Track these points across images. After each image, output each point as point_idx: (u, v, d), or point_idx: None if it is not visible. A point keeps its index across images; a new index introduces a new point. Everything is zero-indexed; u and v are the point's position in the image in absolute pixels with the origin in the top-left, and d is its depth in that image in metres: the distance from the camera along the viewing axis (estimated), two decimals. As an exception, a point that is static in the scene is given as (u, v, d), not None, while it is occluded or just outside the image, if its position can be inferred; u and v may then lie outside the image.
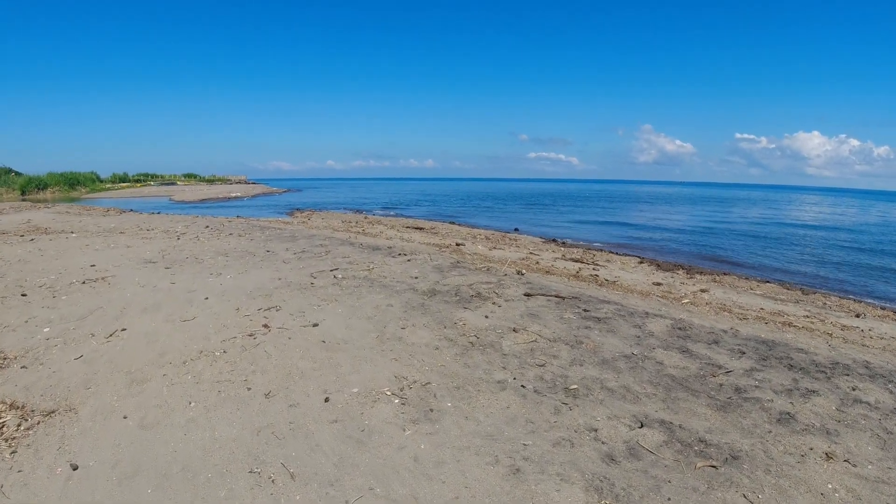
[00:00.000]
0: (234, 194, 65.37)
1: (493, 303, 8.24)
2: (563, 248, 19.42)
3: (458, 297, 8.48)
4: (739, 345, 7.00)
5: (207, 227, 18.27)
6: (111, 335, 6.84)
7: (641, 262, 15.44)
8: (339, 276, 9.68)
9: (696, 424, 4.80)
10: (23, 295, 9.29)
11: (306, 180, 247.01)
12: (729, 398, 5.39)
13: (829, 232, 30.33)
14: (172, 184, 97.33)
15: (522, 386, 5.39)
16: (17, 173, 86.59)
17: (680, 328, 7.59)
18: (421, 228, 26.04)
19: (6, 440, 4.32)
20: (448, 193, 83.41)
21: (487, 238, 21.92)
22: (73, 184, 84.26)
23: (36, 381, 5.45)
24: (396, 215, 36.38)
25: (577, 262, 14.55)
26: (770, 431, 4.64)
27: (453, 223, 31.80)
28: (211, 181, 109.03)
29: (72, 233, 18.66)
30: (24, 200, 60.32)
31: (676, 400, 5.31)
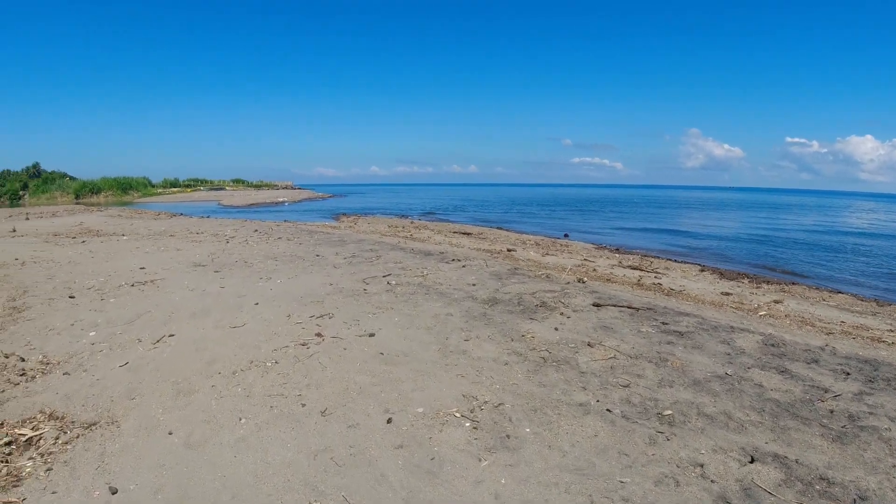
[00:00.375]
0: (280, 199, 66.33)
1: (561, 313, 7.62)
2: (617, 255, 18.58)
3: (521, 307, 7.88)
4: (841, 364, 6.20)
5: (256, 230, 18.18)
6: (158, 341, 6.53)
7: (703, 271, 14.51)
8: (393, 282, 9.22)
9: (814, 458, 4.09)
10: (70, 297, 9.15)
11: (350, 186, 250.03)
12: (844, 427, 4.65)
13: (891, 241, 28.33)
14: (221, 189, 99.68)
15: (608, 410, 4.76)
16: (72, 178, 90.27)
17: (772, 345, 6.82)
18: (468, 234, 25.52)
19: (42, 455, 3.96)
20: (492, 199, 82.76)
21: (537, 244, 21.20)
22: (125, 188, 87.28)
23: (78, 390, 5.13)
24: (441, 220, 35.96)
25: (635, 269, 13.75)
26: (895, 466, 3.92)
27: (500, 228, 31.17)
28: (258, 186, 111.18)
29: (122, 235, 18.87)
30: (77, 203, 62.74)
31: (786, 429, 4.60)
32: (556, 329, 6.89)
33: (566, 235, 28.11)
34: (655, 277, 12.05)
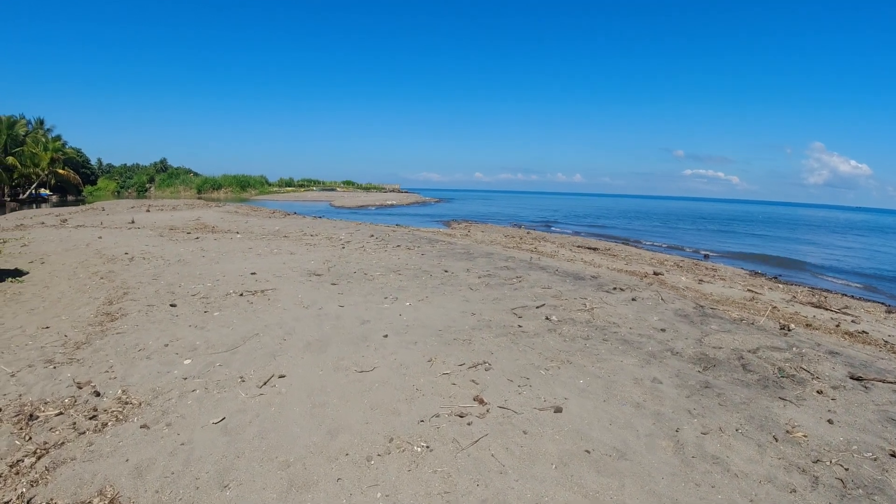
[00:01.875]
0: (389, 202, 66.66)
1: (818, 391, 5.33)
2: (781, 286, 15.61)
3: (754, 375, 5.67)
4: None
5: (372, 236, 16.96)
6: (265, 383, 5.02)
7: (890, 313, 11.41)
8: (554, 318, 7.28)
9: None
10: (172, 305, 8.04)
11: (455, 191, 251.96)
12: None
13: None
14: (332, 190, 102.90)
15: None
16: (196, 174, 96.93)
17: None
18: (595, 249, 23.27)
19: None
20: (603, 210, 78.96)
21: (679, 266, 18.50)
22: (243, 186, 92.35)
23: (154, 458, 3.70)
24: (556, 232, 33.58)
25: (818, 307, 11.04)
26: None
27: (627, 244, 28.64)
28: (367, 189, 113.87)
29: (237, 233, 18.35)
30: (199, 198, 66.48)
31: None
32: (829, 422, 4.64)
33: (706, 257, 25.16)
34: (853, 322, 9.39)
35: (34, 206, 50.85)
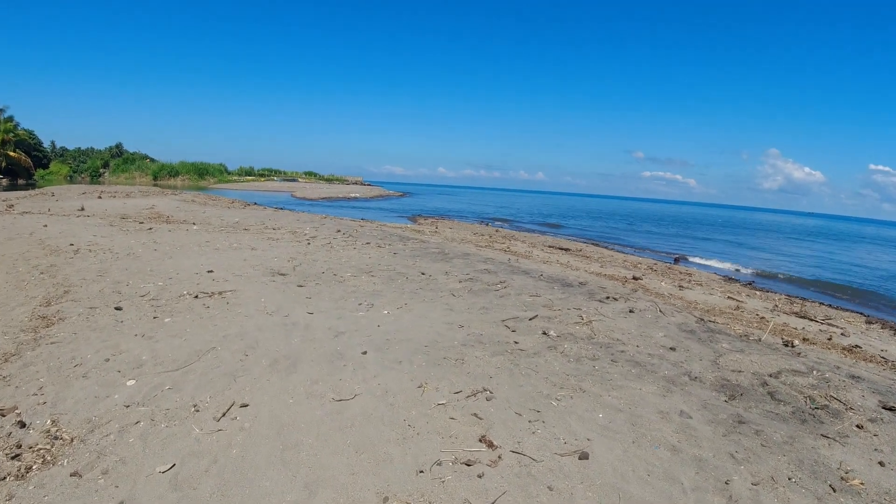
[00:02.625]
0: (353, 195, 65.32)
1: (858, 425, 4.77)
2: (757, 293, 15.43)
3: (786, 406, 5.09)
4: None
5: (339, 231, 16.00)
6: (223, 414, 4.18)
7: (873, 324, 11.24)
8: (552, 333, 6.58)
9: None
10: (117, 308, 7.05)
11: (418, 185, 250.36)
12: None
13: None
14: (294, 180, 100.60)
15: None
16: (152, 160, 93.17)
17: None
18: (567, 249, 22.85)
19: None
20: (566, 209, 79.33)
21: (653, 269, 18.18)
22: (202, 173, 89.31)
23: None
24: (525, 230, 33.10)
25: (801, 318, 10.80)
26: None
27: (597, 245, 28.40)
28: (329, 180, 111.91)
29: (193, 224, 17.18)
30: (155, 185, 63.77)
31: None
32: (881, 465, 4.07)
33: (676, 260, 25.03)
34: (843, 335, 9.07)
35: (-22, 188, 47.77)
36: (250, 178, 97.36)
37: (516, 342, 6.21)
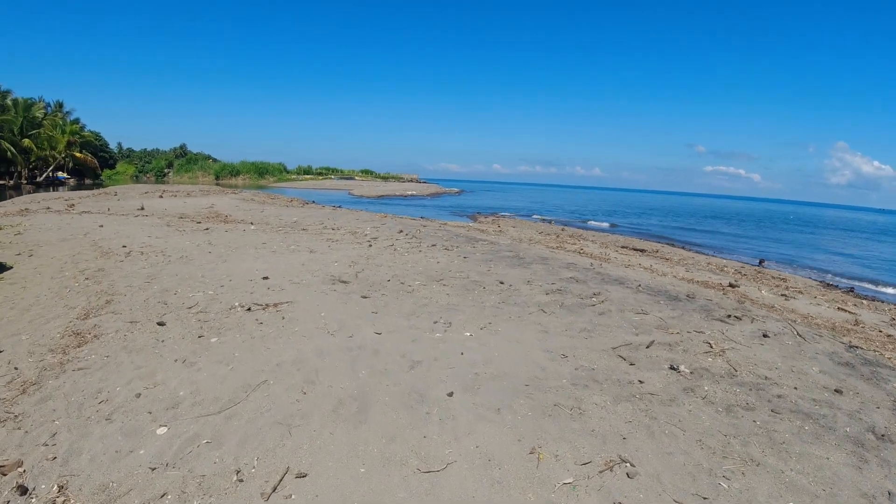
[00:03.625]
0: (409, 192, 64.63)
1: None
2: (864, 302, 13.42)
3: None
4: None
5: (401, 231, 14.90)
6: (274, 489, 3.05)
7: None
8: (683, 368, 5.18)
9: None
10: (160, 324, 6.08)
11: (474, 182, 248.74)
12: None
13: None
14: (351, 178, 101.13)
15: None
16: (214, 160, 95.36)
17: None
18: (642, 251, 21.16)
19: None
20: (626, 205, 76.33)
21: (742, 274, 16.32)
22: (262, 172, 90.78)
23: None
24: (593, 229, 31.30)
25: None
26: None
27: (672, 245, 26.45)
28: (385, 178, 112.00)
29: (251, 224, 16.44)
30: (217, 184, 64.85)
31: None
32: None
33: (761, 262, 22.86)
34: None
35: (51, 188, 49.51)
36: (308, 176, 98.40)
37: (640, 381, 4.86)
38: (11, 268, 10.10)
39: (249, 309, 6.93)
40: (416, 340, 5.74)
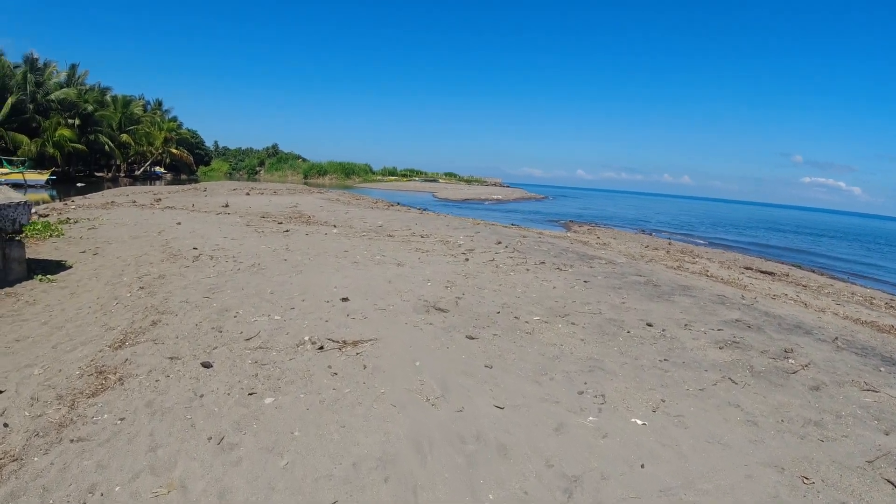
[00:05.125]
0: (494, 196, 62.74)
1: None
2: None
3: None
4: None
5: (499, 242, 12.95)
6: None
7: None
8: None
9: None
10: (205, 365, 4.52)
11: (557, 188, 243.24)
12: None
13: None
14: (434, 181, 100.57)
15: None
16: (304, 159, 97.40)
17: None
18: (770, 273, 18.28)
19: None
20: (723, 216, 71.03)
21: (899, 308, 13.26)
22: (348, 173, 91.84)
23: None
24: (702, 245, 28.12)
25: None
26: None
27: (800, 267, 23.10)
28: (469, 181, 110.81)
29: (333, 227, 15.03)
30: (305, 183, 65.57)
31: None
32: None
33: (913, 294, 19.19)
34: None
35: (148, 182, 51.33)
36: (393, 177, 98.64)
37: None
38: (70, 268, 9.04)
39: (322, 347, 5.22)
40: (562, 430, 3.77)
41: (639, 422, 3.93)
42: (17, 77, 47.51)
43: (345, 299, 7.02)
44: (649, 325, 6.41)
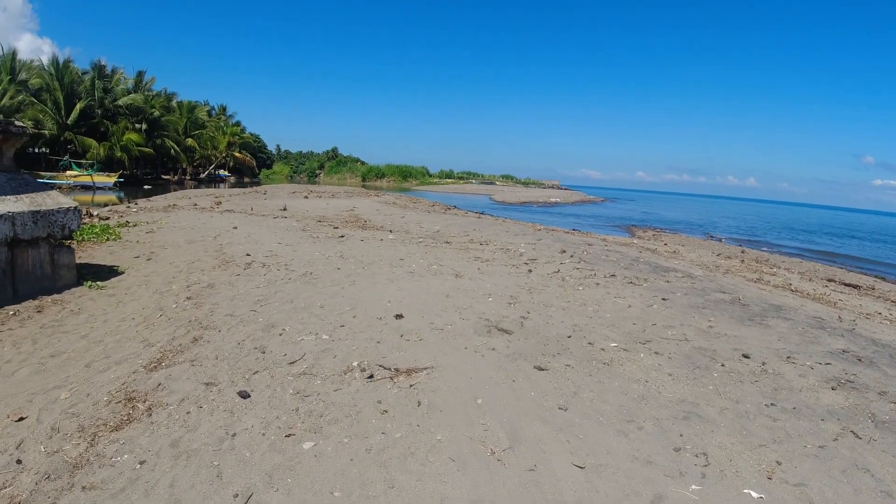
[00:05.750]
0: (553, 199, 61.44)
1: None
2: None
3: None
4: None
5: (564, 251, 12.12)
6: None
7: None
8: None
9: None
10: (242, 395, 4.04)
11: (616, 190, 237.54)
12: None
13: None
14: (491, 183, 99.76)
15: None
16: (363, 162, 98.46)
17: None
18: (855, 286, 16.84)
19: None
20: (794, 220, 67.10)
21: None
22: (405, 175, 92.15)
23: None
24: (776, 251, 26.24)
25: None
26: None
27: (884, 279, 21.24)
28: (526, 184, 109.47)
29: (389, 232, 14.56)
30: (363, 186, 66.05)
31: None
32: None
33: None
34: None
35: (213, 185, 52.72)
36: (450, 180, 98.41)
37: None
38: (122, 274, 8.83)
39: (372, 376, 4.62)
40: (659, 503, 3.01)
41: (754, 494, 3.13)
42: (86, 83, 49.67)
43: (399, 316, 6.42)
44: (746, 356, 5.52)
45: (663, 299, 7.82)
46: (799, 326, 6.91)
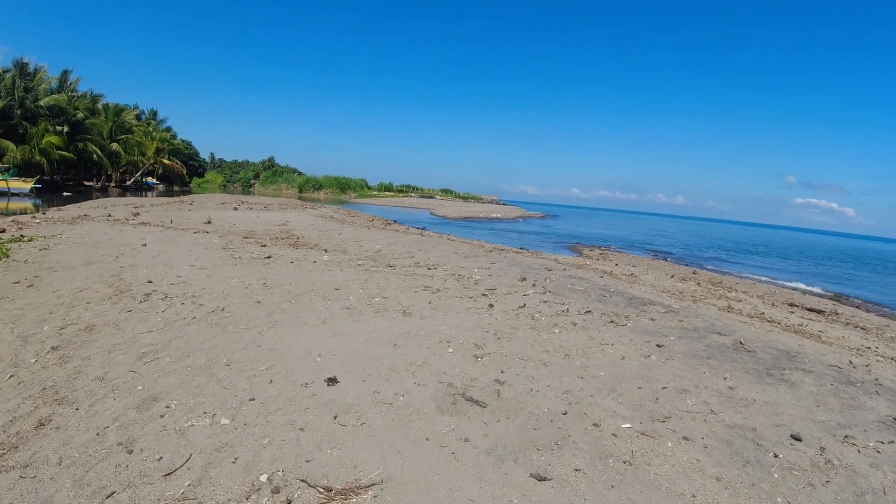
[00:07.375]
0: (494, 215, 60.66)
1: None
2: None
3: None
4: None
5: (524, 279, 10.62)
6: None
7: None
8: None
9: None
10: None
11: (553, 206, 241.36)
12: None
13: None
14: (431, 197, 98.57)
15: None
16: (300, 173, 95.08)
17: None
18: (820, 312, 16.37)
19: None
20: (725, 238, 69.33)
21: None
22: (343, 187, 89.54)
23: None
24: (728, 273, 25.94)
25: None
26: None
27: (840, 301, 21.37)
28: (465, 198, 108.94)
29: (324, 252, 12.79)
30: (300, 197, 63.34)
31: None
32: None
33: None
34: None
35: (141, 193, 49.05)
36: (389, 193, 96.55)
37: None
38: (-19, 310, 6.79)
39: (290, 503, 2.90)
40: None
41: None
42: (7, 81, 45.40)
43: (332, 381, 4.73)
44: (796, 438, 4.14)
45: (658, 346, 6.43)
46: (826, 383, 5.64)
